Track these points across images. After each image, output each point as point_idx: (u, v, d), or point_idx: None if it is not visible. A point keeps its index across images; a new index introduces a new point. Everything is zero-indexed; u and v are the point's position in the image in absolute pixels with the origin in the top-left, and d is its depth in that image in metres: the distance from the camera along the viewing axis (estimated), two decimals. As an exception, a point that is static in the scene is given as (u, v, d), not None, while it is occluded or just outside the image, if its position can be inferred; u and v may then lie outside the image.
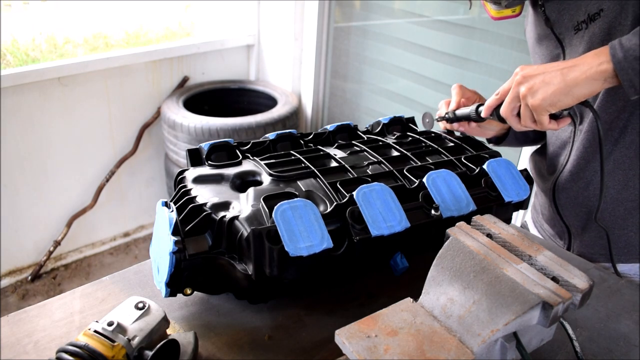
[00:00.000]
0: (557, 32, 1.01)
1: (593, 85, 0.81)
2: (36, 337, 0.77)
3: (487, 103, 0.96)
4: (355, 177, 0.86)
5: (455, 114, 1.06)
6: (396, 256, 0.84)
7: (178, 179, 0.88)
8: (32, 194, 2.51)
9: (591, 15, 0.93)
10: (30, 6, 2.35)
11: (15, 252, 2.59)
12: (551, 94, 0.83)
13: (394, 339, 0.61)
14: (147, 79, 2.70)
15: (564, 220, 1.09)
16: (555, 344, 0.77)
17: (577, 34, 0.97)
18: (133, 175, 2.85)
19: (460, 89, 1.11)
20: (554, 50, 1.03)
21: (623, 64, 0.78)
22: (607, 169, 1.00)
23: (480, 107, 0.99)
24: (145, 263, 0.93)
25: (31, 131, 2.40)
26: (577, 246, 1.10)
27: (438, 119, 1.10)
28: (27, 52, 2.40)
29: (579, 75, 0.81)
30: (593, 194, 1.04)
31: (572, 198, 1.07)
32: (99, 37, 2.60)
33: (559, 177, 1.08)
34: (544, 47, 1.06)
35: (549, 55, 1.05)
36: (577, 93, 0.82)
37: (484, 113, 0.97)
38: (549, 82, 0.83)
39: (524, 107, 0.88)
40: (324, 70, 2.91)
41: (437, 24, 2.30)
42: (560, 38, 1.01)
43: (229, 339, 0.78)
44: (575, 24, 0.97)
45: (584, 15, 0.95)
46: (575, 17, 0.97)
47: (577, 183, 1.05)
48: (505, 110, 0.91)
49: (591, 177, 1.03)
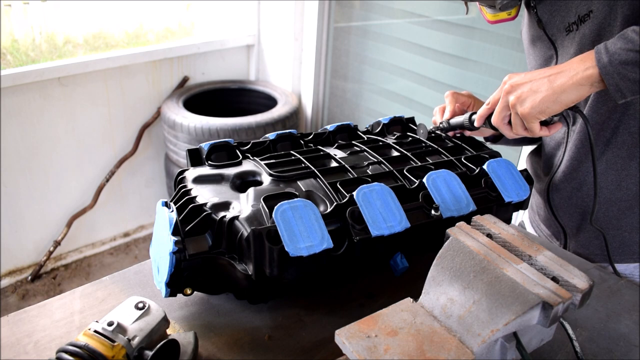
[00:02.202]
0: (550, 34, 1.01)
1: (580, 91, 0.81)
2: (36, 337, 0.77)
3: (478, 113, 0.97)
4: (355, 177, 0.86)
5: (450, 123, 1.06)
6: (396, 256, 0.84)
7: (178, 179, 0.88)
8: (32, 194, 2.51)
9: (581, 17, 0.93)
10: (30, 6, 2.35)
11: (15, 252, 2.59)
12: (539, 101, 0.83)
13: (394, 339, 0.61)
14: (147, 79, 2.70)
15: (558, 221, 1.10)
16: (555, 344, 0.77)
17: (569, 35, 0.97)
18: (133, 175, 2.85)
19: (453, 96, 1.11)
20: (547, 51, 1.03)
21: (608, 69, 0.78)
22: (600, 169, 1.00)
23: (473, 116, 1.00)
24: (145, 263, 0.93)
25: (31, 131, 2.40)
26: (573, 246, 1.11)
27: (432, 129, 1.10)
28: (27, 52, 2.40)
29: (565, 81, 0.82)
30: (587, 195, 1.04)
31: (566, 198, 1.07)
32: (99, 37, 2.60)
33: (553, 178, 1.08)
34: (538, 48, 1.06)
35: (543, 56, 1.05)
36: (564, 99, 0.82)
37: (476, 123, 0.98)
38: (537, 89, 0.84)
39: (514, 115, 0.88)
40: (324, 70, 2.91)
41: (437, 24, 2.30)
42: (552, 39, 1.01)
43: (229, 339, 0.78)
44: (566, 25, 0.97)
45: (574, 17, 0.95)
46: (566, 19, 0.97)
47: (571, 183, 1.05)
48: (496, 120, 0.92)
49: (584, 178, 1.03)
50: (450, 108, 1.09)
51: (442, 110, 1.11)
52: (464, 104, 1.10)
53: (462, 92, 1.12)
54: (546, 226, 1.17)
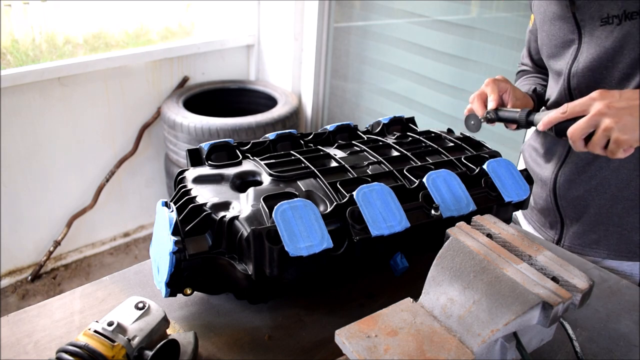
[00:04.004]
0: (579, 19, 0.96)
1: None
2: (36, 337, 0.77)
3: (548, 118, 0.90)
4: (355, 177, 0.86)
5: (498, 115, 0.99)
6: (396, 256, 0.84)
7: (178, 179, 0.88)
8: (32, 194, 2.51)
9: (628, 13, 0.89)
10: (30, 6, 2.35)
11: (15, 252, 2.59)
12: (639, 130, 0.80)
13: (394, 339, 0.61)
14: (147, 79, 2.70)
15: (560, 211, 1.09)
16: (555, 344, 0.77)
17: (604, 27, 0.93)
18: (133, 175, 2.85)
19: (494, 83, 1.04)
20: (569, 34, 1.00)
21: None
22: (613, 166, 1.00)
23: (532, 116, 0.94)
24: (145, 263, 0.93)
25: (31, 131, 2.40)
26: (569, 238, 1.11)
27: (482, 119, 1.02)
28: (27, 52, 2.40)
29: None
30: (594, 188, 1.04)
31: (573, 189, 1.07)
32: (99, 37, 2.60)
33: (562, 167, 1.08)
34: (557, 27, 1.02)
35: (562, 38, 1.01)
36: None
37: (542, 126, 0.91)
38: (636, 117, 0.80)
39: (603, 137, 0.83)
40: (324, 70, 2.91)
41: (437, 24, 2.30)
42: (580, 25, 0.97)
43: (229, 339, 0.78)
44: (604, 15, 0.93)
45: (618, 10, 0.91)
46: (605, 9, 0.92)
47: (581, 176, 1.05)
48: (577, 134, 0.85)
49: (596, 172, 1.03)
50: (495, 96, 1.02)
51: (481, 99, 1.05)
52: (501, 90, 1.04)
53: (498, 78, 1.06)
54: (543, 215, 1.17)
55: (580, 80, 1.00)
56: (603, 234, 1.06)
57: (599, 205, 1.05)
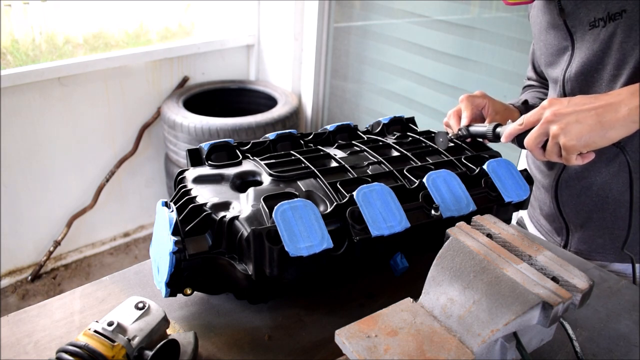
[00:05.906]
0: (570, 25, 0.97)
1: (630, 127, 0.78)
2: (36, 337, 0.77)
3: (508, 130, 0.92)
4: (355, 177, 0.86)
5: (470, 131, 1.01)
6: (396, 256, 0.84)
7: (178, 179, 0.88)
8: (32, 194, 2.51)
9: (611, 15, 0.90)
10: (30, 6, 2.35)
11: (15, 252, 2.59)
12: (586, 136, 0.79)
13: (394, 339, 0.61)
14: (147, 79, 2.70)
15: (563, 217, 1.09)
16: (555, 344, 0.77)
17: (592, 30, 0.94)
18: (133, 175, 2.85)
19: (468, 100, 1.05)
20: (563, 42, 1.01)
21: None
22: (613, 171, 1.00)
23: (498, 129, 0.95)
24: (145, 263, 0.93)
25: (31, 131, 2.40)
26: (575, 243, 1.11)
27: (451, 137, 1.04)
28: (27, 52, 2.40)
29: (614, 116, 0.78)
30: (596, 194, 1.04)
31: (575, 196, 1.07)
32: (99, 37, 2.60)
33: (562, 174, 1.08)
34: (552, 36, 1.03)
35: (557, 46, 1.02)
36: (612, 135, 0.79)
37: (504, 139, 0.93)
38: (582, 122, 0.80)
39: (553, 144, 0.84)
40: (324, 70, 2.91)
41: (437, 24, 2.30)
42: (572, 31, 0.98)
43: (229, 339, 0.78)
44: (591, 19, 0.93)
45: (602, 13, 0.91)
46: (592, 13, 0.93)
47: (581, 182, 1.05)
48: (531, 144, 0.86)
49: (595, 177, 1.03)
50: (468, 113, 1.04)
51: (457, 115, 1.06)
52: (478, 106, 1.06)
53: (476, 93, 1.08)
54: (548, 222, 1.17)
55: (573, 85, 1.00)
56: (609, 238, 1.06)
57: (602, 210, 1.04)
